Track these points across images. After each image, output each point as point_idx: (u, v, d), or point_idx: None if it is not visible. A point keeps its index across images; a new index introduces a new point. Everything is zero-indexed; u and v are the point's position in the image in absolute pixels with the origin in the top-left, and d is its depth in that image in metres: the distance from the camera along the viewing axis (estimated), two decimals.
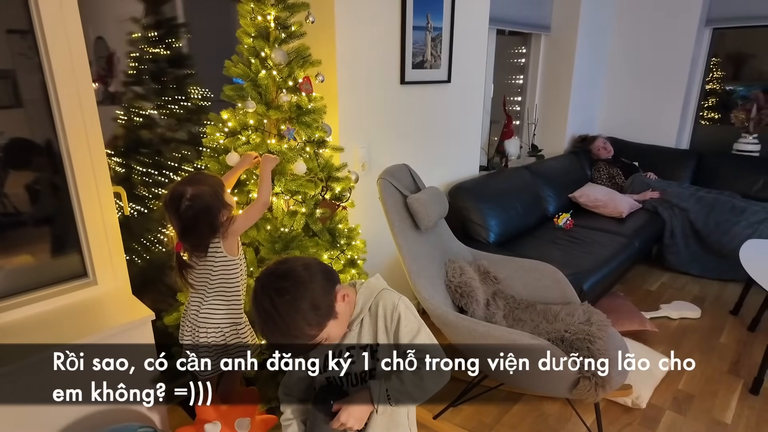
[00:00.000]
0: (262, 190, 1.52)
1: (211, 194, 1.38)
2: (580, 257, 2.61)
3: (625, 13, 4.15)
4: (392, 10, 2.26)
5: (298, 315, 0.94)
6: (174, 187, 1.39)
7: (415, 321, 1.04)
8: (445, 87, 2.68)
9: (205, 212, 1.37)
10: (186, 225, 1.37)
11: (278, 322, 0.93)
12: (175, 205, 1.36)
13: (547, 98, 4.05)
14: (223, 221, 1.43)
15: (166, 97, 2.13)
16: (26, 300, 1.60)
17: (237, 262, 1.48)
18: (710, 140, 4.23)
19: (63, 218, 1.67)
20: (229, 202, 1.46)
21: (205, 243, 1.42)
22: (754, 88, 3.93)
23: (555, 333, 1.83)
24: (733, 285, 3.16)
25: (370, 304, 1.07)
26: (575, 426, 1.95)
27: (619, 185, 3.74)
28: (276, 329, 0.94)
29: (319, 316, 0.97)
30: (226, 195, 1.46)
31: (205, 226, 1.38)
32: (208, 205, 1.37)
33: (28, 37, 1.52)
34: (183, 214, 1.36)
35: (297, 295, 0.94)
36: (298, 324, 0.94)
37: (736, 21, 3.83)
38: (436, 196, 2.05)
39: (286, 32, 1.66)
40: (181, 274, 1.44)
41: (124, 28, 1.98)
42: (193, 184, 1.38)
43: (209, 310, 1.47)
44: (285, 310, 0.93)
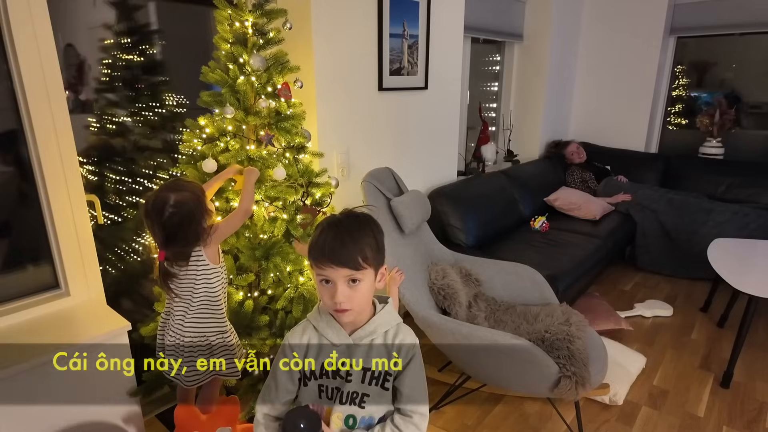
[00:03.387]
0: (245, 197, 1.50)
1: (194, 200, 1.36)
2: (557, 259, 2.66)
3: (594, 22, 4.30)
4: (369, 17, 2.28)
5: (365, 235, 0.95)
6: (155, 194, 1.35)
7: (423, 374, 1.03)
8: (423, 93, 2.72)
9: (190, 218, 1.35)
10: (170, 232, 1.34)
11: (345, 233, 0.94)
12: (159, 211, 1.32)
13: (521, 105, 4.14)
14: (205, 228, 1.41)
15: (139, 104, 2.09)
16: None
17: (218, 270, 1.46)
18: (677, 144, 4.39)
19: (33, 227, 1.62)
20: (210, 209, 1.44)
21: (189, 251, 1.40)
22: (716, 95, 4.10)
23: (535, 333, 1.86)
24: (702, 283, 3.27)
25: (387, 329, 1.02)
26: (555, 425, 1.98)
27: (592, 189, 3.84)
28: (340, 238, 0.94)
29: (376, 253, 0.97)
30: (208, 202, 1.44)
31: (190, 233, 1.36)
32: (192, 211, 1.35)
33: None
34: (167, 221, 1.33)
35: (371, 223, 0.99)
36: (363, 241, 0.94)
37: (698, 30, 4.01)
38: (418, 199, 2.07)
39: (264, 38, 1.66)
40: (165, 284, 1.40)
41: (95, 35, 1.94)
42: (176, 190, 1.35)
43: (195, 319, 1.44)
44: (357, 227, 0.96)
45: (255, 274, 1.73)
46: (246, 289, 1.73)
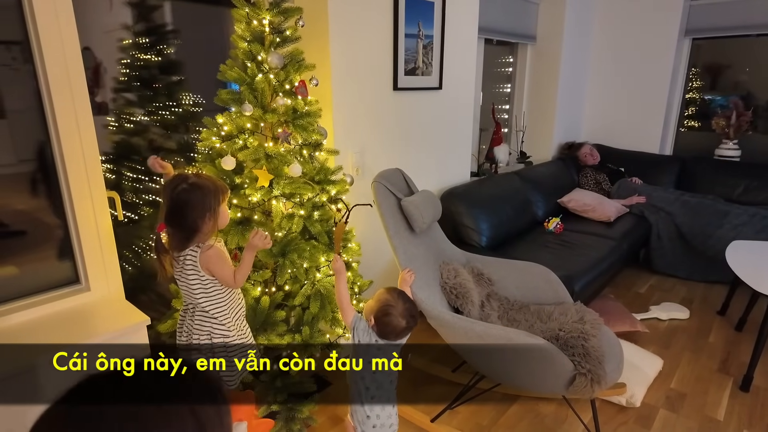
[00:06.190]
0: (241, 270, 1.44)
1: (210, 191, 1.36)
2: (571, 260, 2.65)
3: (607, 24, 4.27)
4: (385, 17, 2.30)
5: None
6: (180, 172, 1.39)
7: None
8: (437, 94, 2.72)
9: (195, 202, 1.34)
10: (174, 207, 1.34)
11: None
12: (173, 185, 1.34)
13: (534, 106, 4.12)
14: (204, 227, 1.37)
15: (156, 103, 2.12)
16: (16, 307, 1.57)
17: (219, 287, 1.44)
18: (692, 146, 4.34)
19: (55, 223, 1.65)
20: (220, 215, 1.41)
21: (182, 238, 1.37)
22: (731, 98, 4.05)
23: (549, 332, 1.84)
24: (718, 287, 3.22)
25: None
26: (572, 426, 1.96)
27: (606, 191, 3.81)
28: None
29: None
30: (223, 206, 1.42)
31: (189, 219, 1.34)
32: (201, 199, 1.34)
33: (12, 48, 1.52)
34: (176, 196, 1.33)
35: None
36: None
37: (714, 31, 3.97)
38: (429, 199, 2.07)
39: (281, 36, 1.68)
40: (159, 258, 1.41)
41: (111, 38, 1.98)
42: (198, 176, 1.38)
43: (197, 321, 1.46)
44: None
45: (271, 270, 1.74)
46: (262, 285, 1.75)
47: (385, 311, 1.37)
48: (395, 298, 1.39)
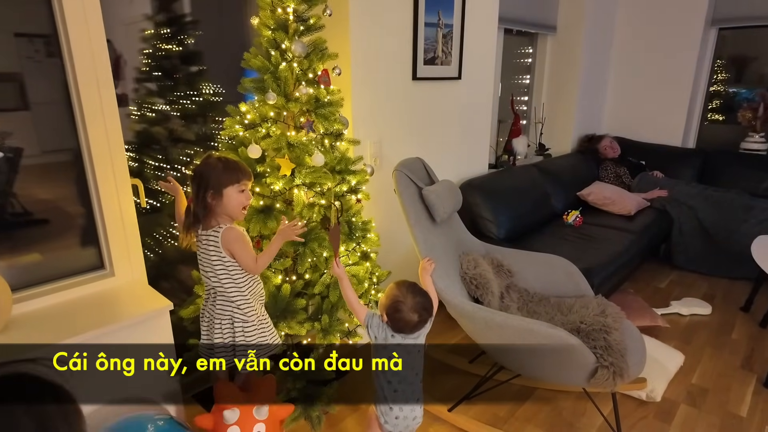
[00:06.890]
0: (265, 256, 1.47)
1: (214, 169, 1.40)
2: (591, 252, 2.61)
3: (630, 13, 4.18)
4: (405, 5, 2.28)
5: None
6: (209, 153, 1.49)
7: None
8: (456, 84, 2.70)
9: (197, 176, 1.41)
10: (191, 179, 1.44)
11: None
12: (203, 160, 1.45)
13: (553, 98, 4.06)
14: (210, 203, 1.40)
15: (177, 93, 2.14)
16: (43, 291, 1.60)
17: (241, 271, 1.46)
18: (716, 140, 4.24)
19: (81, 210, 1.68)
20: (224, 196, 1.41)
21: (196, 213, 1.41)
22: (757, 91, 3.94)
23: (570, 324, 1.83)
24: (741, 283, 3.16)
25: None
26: (590, 419, 1.95)
27: (626, 184, 3.75)
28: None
29: None
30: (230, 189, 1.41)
31: (200, 192, 1.40)
32: (202, 173, 1.40)
33: (35, 41, 1.54)
34: (195, 169, 1.43)
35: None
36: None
37: (741, 21, 3.85)
38: (450, 188, 2.06)
39: (305, 25, 1.68)
40: (186, 229, 1.46)
41: (131, 30, 2.00)
42: (215, 156, 1.44)
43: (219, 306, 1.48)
44: None
45: (292, 258, 1.75)
46: (283, 274, 1.76)
47: (395, 307, 1.35)
48: (404, 292, 1.36)
